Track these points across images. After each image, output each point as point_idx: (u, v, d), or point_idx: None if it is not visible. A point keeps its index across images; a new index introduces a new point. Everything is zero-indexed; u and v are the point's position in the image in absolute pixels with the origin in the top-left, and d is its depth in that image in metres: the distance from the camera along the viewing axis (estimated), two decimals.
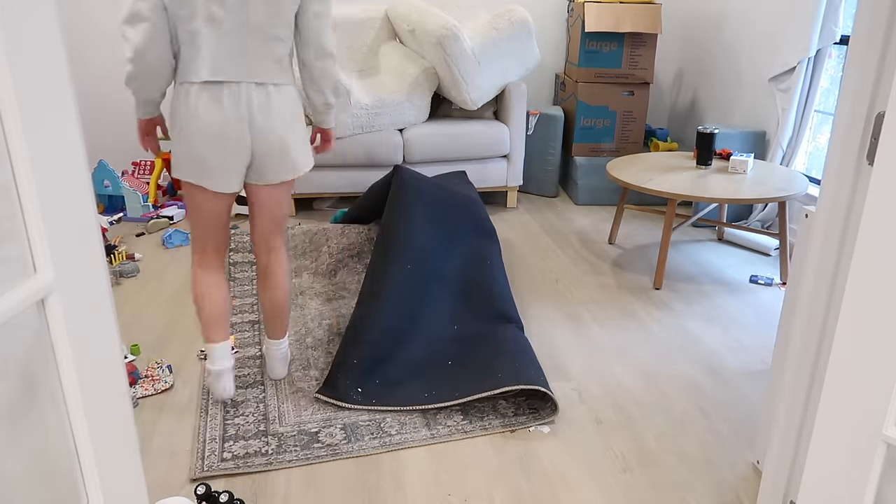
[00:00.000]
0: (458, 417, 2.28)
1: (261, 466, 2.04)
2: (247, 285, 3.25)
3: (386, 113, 4.00)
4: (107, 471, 0.93)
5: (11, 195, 0.77)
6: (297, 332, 2.79)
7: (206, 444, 2.13)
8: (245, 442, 2.15)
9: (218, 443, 2.14)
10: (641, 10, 4.20)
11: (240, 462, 2.06)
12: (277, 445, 2.13)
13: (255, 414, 2.28)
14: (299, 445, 2.13)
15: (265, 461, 2.06)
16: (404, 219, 2.78)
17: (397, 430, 2.21)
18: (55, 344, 0.85)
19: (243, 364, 2.59)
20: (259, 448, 2.12)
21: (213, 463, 2.05)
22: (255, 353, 2.67)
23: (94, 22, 4.51)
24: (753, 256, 3.67)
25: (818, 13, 3.45)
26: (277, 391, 2.41)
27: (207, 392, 2.38)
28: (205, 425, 2.22)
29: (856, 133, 1.35)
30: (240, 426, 2.22)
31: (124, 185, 4.08)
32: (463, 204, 3.02)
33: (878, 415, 1.06)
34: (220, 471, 2.02)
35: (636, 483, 2.01)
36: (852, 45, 1.33)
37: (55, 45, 0.81)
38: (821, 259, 1.47)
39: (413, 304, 2.57)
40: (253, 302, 3.09)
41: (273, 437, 2.17)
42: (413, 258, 2.66)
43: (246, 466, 2.04)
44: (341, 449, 2.13)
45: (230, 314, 2.28)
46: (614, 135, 4.47)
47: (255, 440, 2.15)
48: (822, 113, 3.75)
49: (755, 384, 2.51)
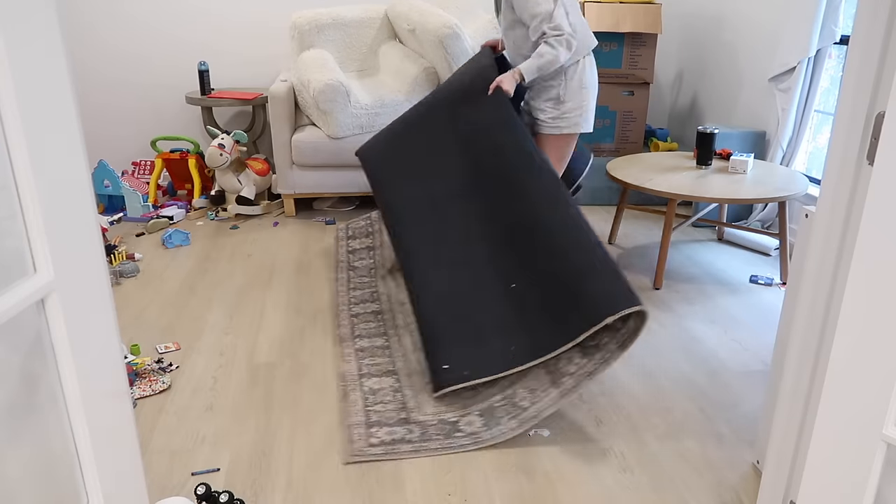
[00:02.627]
0: (579, 358, 2.21)
1: (407, 454, 2.10)
2: (365, 276, 3.26)
3: (386, 113, 4.00)
4: (107, 471, 0.93)
5: (11, 195, 0.77)
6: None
7: (352, 428, 2.19)
8: (389, 428, 2.19)
9: (363, 428, 2.19)
10: (641, 10, 4.20)
11: (388, 448, 2.11)
12: (421, 433, 2.17)
13: (393, 402, 2.33)
14: (442, 434, 2.17)
15: (411, 448, 2.11)
16: (385, 195, 2.77)
17: (530, 402, 2.22)
18: (55, 344, 0.84)
19: (373, 353, 2.63)
20: (403, 435, 2.16)
21: (362, 447, 2.11)
22: (383, 343, 2.70)
23: (94, 21, 4.51)
24: (753, 256, 3.67)
25: (818, 13, 3.45)
26: (412, 381, 2.45)
27: (345, 377, 2.47)
28: (346, 410, 2.28)
29: (856, 133, 1.35)
30: (381, 413, 2.27)
31: (124, 185, 4.08)
32: (426, 120, 2.93)
33: (878, 415, 1.06)
34: (370, 456, 2.08)
35: (636, 483, 2.01)
36: (852, 45, 1.33)
37: (55, 45, 0.81)
38: (821, 259, 1.47)
39: (441, 261, 2.54)
40: (373, 291, 3.11)
41: (415, 424, 2.22)
42: (406, 220, 2.64)
43: (394, 452, 2.09)
44: (483, 436, 2.16)
45: None
46: (614, 135, 4.46)
47: (399, 427, 2.20)
48: (822, 113, 3.74)
49: (755, 384, 2.50)
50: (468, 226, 2.63)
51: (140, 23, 4.56)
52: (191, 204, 4.26)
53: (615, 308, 2.04)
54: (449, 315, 2.44)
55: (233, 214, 4.15)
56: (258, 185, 4.21)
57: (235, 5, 4.60)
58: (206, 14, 4.60)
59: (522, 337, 2.28)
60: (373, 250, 3.40)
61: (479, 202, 2.65)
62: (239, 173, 4.07)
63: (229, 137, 3.99)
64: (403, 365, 2.56)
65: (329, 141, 3.96)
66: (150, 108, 4.75)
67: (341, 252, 3.47)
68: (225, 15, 4.62)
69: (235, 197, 4.11)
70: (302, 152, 3.96)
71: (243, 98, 4.39)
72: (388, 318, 2.89)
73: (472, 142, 2.77)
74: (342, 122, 3.90)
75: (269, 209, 4.25)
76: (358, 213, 4.25)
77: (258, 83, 4.81)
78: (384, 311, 2.96)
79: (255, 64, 4.76)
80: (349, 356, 2.63)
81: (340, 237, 3.63)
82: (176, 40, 4.63)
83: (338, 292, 3.13)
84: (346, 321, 2.88)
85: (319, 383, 2.49)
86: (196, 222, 4.09)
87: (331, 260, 3.54)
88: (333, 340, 2.77)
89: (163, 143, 4.77)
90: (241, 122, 4.86)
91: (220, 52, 4.69)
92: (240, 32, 4.67)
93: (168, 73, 4.69)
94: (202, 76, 4.42)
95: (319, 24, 4.28)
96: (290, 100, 4.02)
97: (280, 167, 4.05)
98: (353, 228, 3.60)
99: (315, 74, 3.89)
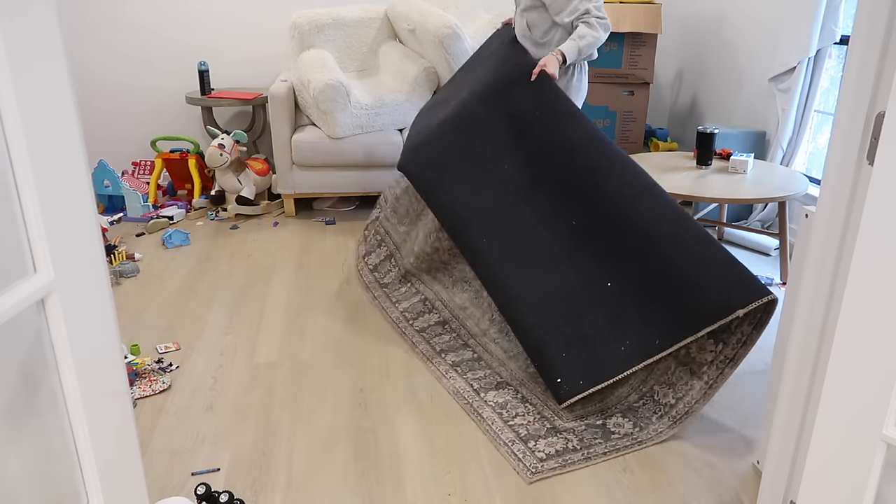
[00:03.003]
0: (713, 346, 2.14)
1: (580, 463, 2.06)
2: (401, 286, 3.10)
3: (386, 113, 4.00)
4: (107, 471, 0.93)
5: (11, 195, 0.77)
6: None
7: (512, 444, 2.13)
8: (545, 440, 2.15)
9: (521, 444, 2.13)
10: (641, 10, 4.20)
11: (560, 460, 2.07)
12: (579, 441, 2.14)
13: (529, 414, 2.26)
14: (600, 437, 2.15)
15: (581, 457, 2.08)
16: (447, 198, 2.56)
17: (674, 397, 2.19)
18: (55, 344, 0.84)
19: (472, 367, 2.53)
20: (564, 445, 2.13)
21: (534, 463, 2.05)
22: (472, 355, 2.60)
23: (94, 23, 4.51)
24: (753, 256, 3.67)
25: (818, 13, 3.45)
26: (530, 389, 2.39)
27: (462, 395, 2.37)
28: (491, 430, 2.20)
29: (856, 133, 1.35)
30: (525, 426, 2.21)
31: (124, 185, 4.08)
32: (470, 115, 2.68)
33: (878, 415, 1.06)
34: (549, 472, 2.03)
35: (636, 483, 2.01)
36: (852, 45, 1.33)
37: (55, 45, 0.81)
38: (821, 259, 1.47)
39: (528, 270, 2.38)
40: (422, 300, 2.96)
41: (567, 432, 2.18)
42: (478, 227, 2.46)
43: (569, 464, 2.05)
44: (639, 437, 2.15)
45: None
46: (614, 135, 4.46)
47: (553, 437, 2.16)
48: (822, 113, 3.74)
49: (755, 384, 2.50)
50: (554, 224, 2.47)
51: (140, 24, 4.55)
52: (191, 204, 4.26)
53: (747, 300, 2.00)
54: (551, 322, 2.30)
55: (233, 214, 4.15)
56: (258, 185, 4.21)
57: (236, 5, 4.60)
58: (206, 14, 4.60)
59: (633, 333, 2.18)
60: (392, 257, 3.21)
61: (559, 198, 2.47)
62: (239, 173, 4.07)
63: (229, 137, 3.99)
64: (509, 374, 2.47)
65: (329, 141, 3.96)
66: (150, 108, 4.75)
67: (365, 273, 3.24)
68: (225, 15, 4.62)
69: (235, 197, 4.11)
70: (302, 152, 3.96)
71: (243, 98, 4.39)
72: (457, 327, 2.75)
73: (532, 134, 2.58)
74: (342, 122, 3.90)
75: (269, 209, 4.25)
76: (358, 214, 4.25)
77: (258, 83, 4.81)
78: (447, 319, 2.81)
79: (255, 64, 4.76)
80: (449, 373, 2.49)
81: (360, 263, 3.35)
82: (176, 41, 4.63)
83: (386, 310, 2.95)
84: (419, 338, 2.73)
85: (319, 383, 2.49)
86: (196, 222, 4.09)
87: (331, 260, 3.54)
88: (335, 338, 2.77)
89: (163, 143, 4.77)
90: (241, 122, 4.86)
91: (220, 53, 4.69)
92: (240, 32, 4.67)
93: (168, 73, 4.68)
94: (202, 76, 4.42)
95: (319, 24, 4.28)
96: (290, 100, 4.02)
97: (280, 167, 4.05)
98: (365, 246, 3.38)
99: (315, 74, 3.89)
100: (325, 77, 3.82)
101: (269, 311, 3.01)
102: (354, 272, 3.35)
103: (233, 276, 3.36)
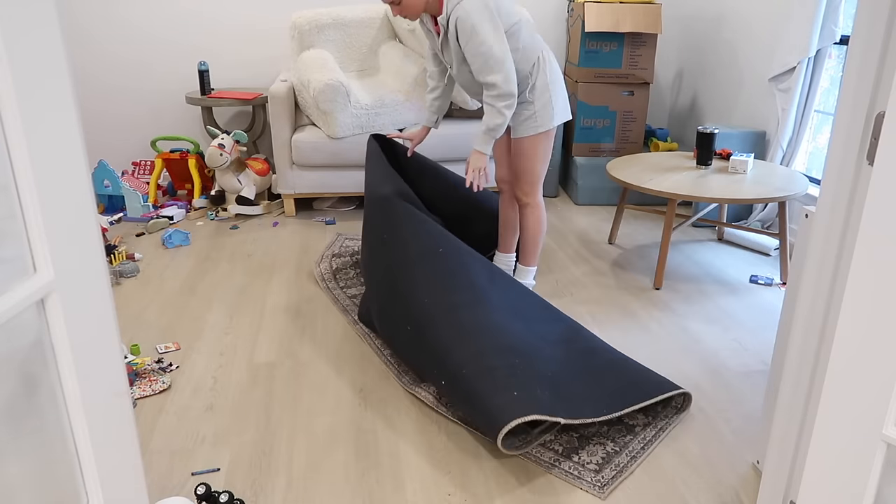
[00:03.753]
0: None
1: (632, 466, 2.08)
2: None
3: (386, 113, 4.00)
4: (107, 471, 0.93)
5: (11, 195, 0.77)
6: None
7: (559, 465, 2.09)
8: (585, 450, 2.14)
9: (566, 461, 2.10)
10: (641, 10, 4.20)
11: (612, 466, 2.08)
12: (613, 443, 2.17)
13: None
14: (625, 433, 2.22)
15: (628, 459, 2.10)
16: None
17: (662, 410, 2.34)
18: (55, 344, 0.84)
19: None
20: (605, 451, 2.14)
21: (595, 478, 2.03)
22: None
23: (93, 22, 4.51)
24: (753, 256, 3.67)
25: (818, 13, 3.45)
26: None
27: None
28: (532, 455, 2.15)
29: (856, 133, 1.35)
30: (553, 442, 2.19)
31: (124, 185, 4.08)
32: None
33: (878, 415, 1.06)
34: (625, 472, 2.05)
35: (636, 483, 2.01)
36: (852, 45, 1.33)
37: (55, 45, 0.81)
38: (821, 259, 1.47)
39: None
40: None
41: (595, 438, 2.19)
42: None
43: (624, 469, 2.06)
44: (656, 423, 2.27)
45: None
46: (614, 135, 4.47)
47: (589, 446, 2.16)
48: (822, 113, 3.74)
49: (755, 384, 2.50)
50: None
51: (139, 25, 4.56)
52: (191, 204, 4.26)
53: (664, 389, 2.27)
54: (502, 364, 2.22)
55: (233, 214, 4.15)
56: (258, 185, 4.21)
57: (236, 5, 4.60)
58: (206, 14, 4.60)
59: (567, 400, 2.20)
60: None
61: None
62: (239, 173, 4.07)
63: (229, 137, 3.99)
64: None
65: (329, 141, 3.96)
66: (150, 108, 4.75)
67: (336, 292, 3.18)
68: (225, 15, 4.62)
69: (235, 197, 4.11)
70: (302, 152, 3.96)
71: (243, 98, 4.39)
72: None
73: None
74: (342, 122, 3.90)
75: (269, 209, 4.25)
76: (358, 213, 4.26)
77: (258, 83, 4.81)
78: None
79: (255, 64, 4.76)
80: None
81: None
82: (175, 41, 4.63)
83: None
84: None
85: (319, 383, 2.49)
86: (196, 222, 4.09)
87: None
88: (335, 340, 2.77)
89: (163, 143, 4.77)
90: (241, 122, 4.86)
91: (219, 53, 4.69)
92: (240, 32, 4.67)
93: (168, 73, 4.69)
94: (202, 76, 4.42)
95: (319, 24, 4.28)
96: (290, 100, 4.02)
97: (280, 167, 4.05)
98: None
99: (315, 74, 3.89)
100: (325, 77, 3.82)
101: (269, 311, 3.01)
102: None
103: (233, 276, 3.36)
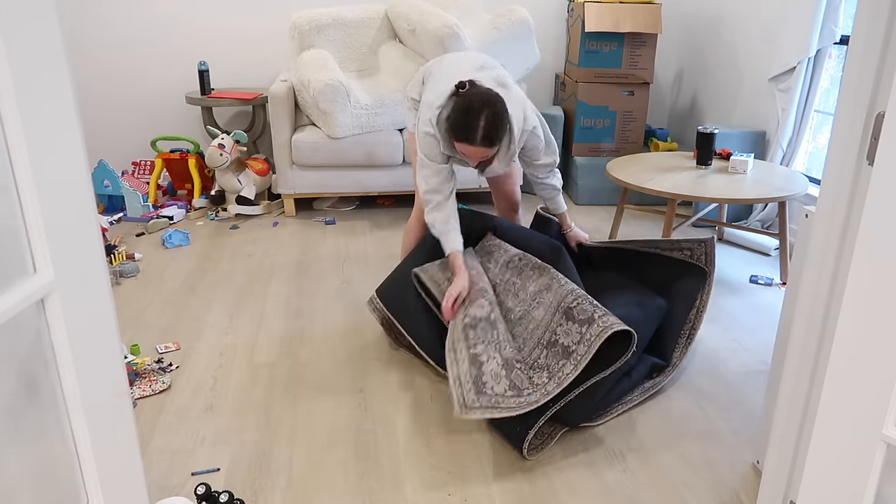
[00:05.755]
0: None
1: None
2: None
3: (386, 113, 4.00)
4: (107, 471, 0.93)
5: (11, 195, 0.77)
6: None
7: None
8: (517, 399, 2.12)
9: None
10: (641, 10, 4.20)
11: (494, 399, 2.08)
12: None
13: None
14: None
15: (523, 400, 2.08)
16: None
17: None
18: (55, 344, 0.84)
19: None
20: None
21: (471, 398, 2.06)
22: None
23: (94, 21, 4.51)
24: (753, 256, 3.67)
25: (818, 13, 3.45)
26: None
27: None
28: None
29: (856, 133, 1.35)
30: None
31: (124, 185, 4.08)
32: None
33: (878, 415, 1.06)
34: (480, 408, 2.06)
35: (636, 483, 2.01)
36: (852, 45, 1.33)
37: (54, 44, 0.81)
38: (821, 259, 1.47)
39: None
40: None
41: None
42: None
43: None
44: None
45: None
46: (614, 135, 4.47)
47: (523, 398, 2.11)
48: (822, 113, 3.74)
49: (755, 384, 2.50)
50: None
51: (139, 25, 4.56)
52: (191, 204, 4.26)
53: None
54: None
55: (233, 214, 4.15)
56: (258, 185, 4.21)
57: (236, 5, 4.60)
58: (206, 14, 4.60)
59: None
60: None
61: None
62: (239, 173, 4.07)
63: (229, 137, 3.99)
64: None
65: (329, 141, 3.96)
66: (150, 109, 4.75)
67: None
68: (225, 15, 4.62)
69: (235, 197, 4.11)
70: (302, 152, 3.96)
71: (243, 98, 4.39)
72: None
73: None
74: (342, 122, 3.90)
75: (269, 209, 4.25)
76: (358, 214, 4.25)
77: (258, 83, 4.81)
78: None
79: (255, 64, 4.76)
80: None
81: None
82: (176, 41, 4.63)
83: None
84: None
85: (319, 383, 2.49)
86: (196, 222, 4.09)
87: (331, 260, 3.54)
88: (335, 339, 2.77)
89: (163, 143, 4.77)
90: (241, 122, 4.86)
91: (220, 52, 4.69)
92: (240, 32, 4.67)
93: (168, 73, 4.69)
94: (202, 76, 4.42)
95: (319, 24, 4.28)
96: (290, 100, 4.02)
97: (280, 167, 4.05)
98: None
99: (315, 74, 3.89)
100: (325, 77, 3.82)
101: (269, 311, 3.01)
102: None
103: (233, 276, 3.36)
